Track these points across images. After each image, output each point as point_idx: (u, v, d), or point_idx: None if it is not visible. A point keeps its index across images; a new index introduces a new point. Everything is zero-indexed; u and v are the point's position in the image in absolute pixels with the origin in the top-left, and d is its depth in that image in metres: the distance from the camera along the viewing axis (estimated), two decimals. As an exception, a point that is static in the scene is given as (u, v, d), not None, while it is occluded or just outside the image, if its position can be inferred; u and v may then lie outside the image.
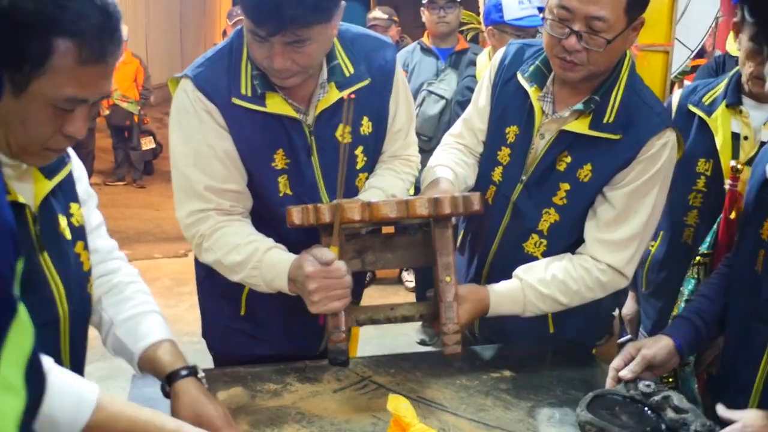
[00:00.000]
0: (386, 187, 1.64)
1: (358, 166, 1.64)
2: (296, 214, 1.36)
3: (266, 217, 1.59)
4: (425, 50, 3.64)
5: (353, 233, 1.48)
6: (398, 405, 1.19)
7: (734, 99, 1.83)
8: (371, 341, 3.50)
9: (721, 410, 1.25)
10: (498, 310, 1.56)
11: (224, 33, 6.42)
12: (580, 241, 1.64)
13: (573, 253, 1.62)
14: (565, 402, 1.47)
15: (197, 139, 1.49)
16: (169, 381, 1.26)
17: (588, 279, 1.57)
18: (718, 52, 3.41)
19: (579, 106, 1.57)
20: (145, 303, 1.37)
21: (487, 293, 1.55)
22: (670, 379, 1.69)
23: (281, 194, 1.57)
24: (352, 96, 1.51)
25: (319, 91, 1.55)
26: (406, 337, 3.93)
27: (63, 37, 1.00)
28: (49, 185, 1.19)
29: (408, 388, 1.50)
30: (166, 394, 1.27)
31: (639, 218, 1.56)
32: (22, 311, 0.54)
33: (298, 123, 1.54)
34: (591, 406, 1.36)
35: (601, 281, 1.58)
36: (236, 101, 1.48)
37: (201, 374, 1.29)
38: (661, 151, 1.54)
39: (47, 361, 1.02)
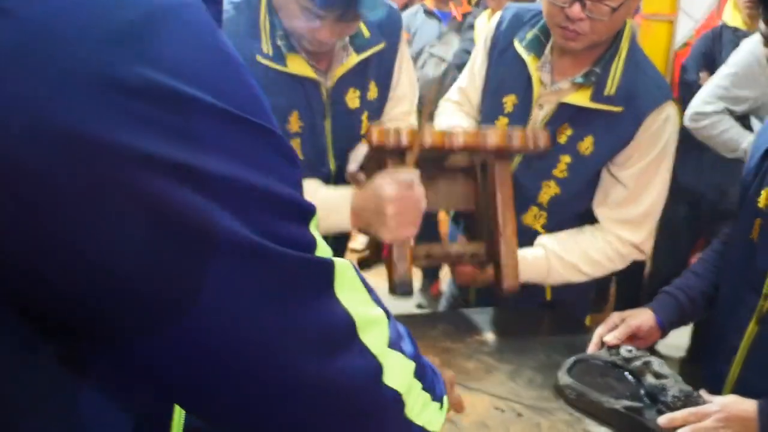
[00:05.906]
0: None
1: (363, 131, 1.60)
2: (377, 135, 1.28)
3: None
4: (428, 13, 3.59)
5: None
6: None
7: None
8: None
9: (704, 395, 1.26)
10: (523, 276, 1.53)
11: None
12: (581, 214, 1.62)
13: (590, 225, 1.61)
14: (548, 366, 1.46)
15: None
16: None
17: (609, 250, 1.58)
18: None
19: (579, 78, 1.53)
20: None
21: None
22: None
23: None
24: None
25: (342, 54, 1.50)
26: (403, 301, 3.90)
27: None
28: None
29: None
30: None
31: (651, 195, 1.56)
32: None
33: (317, 85, 1.49)
34: (572, 370, 1.36)
35: (621, 253, 1.59)
36: (260, 59, 1.41)
37: None
38: (664, 127, 1.51)
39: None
